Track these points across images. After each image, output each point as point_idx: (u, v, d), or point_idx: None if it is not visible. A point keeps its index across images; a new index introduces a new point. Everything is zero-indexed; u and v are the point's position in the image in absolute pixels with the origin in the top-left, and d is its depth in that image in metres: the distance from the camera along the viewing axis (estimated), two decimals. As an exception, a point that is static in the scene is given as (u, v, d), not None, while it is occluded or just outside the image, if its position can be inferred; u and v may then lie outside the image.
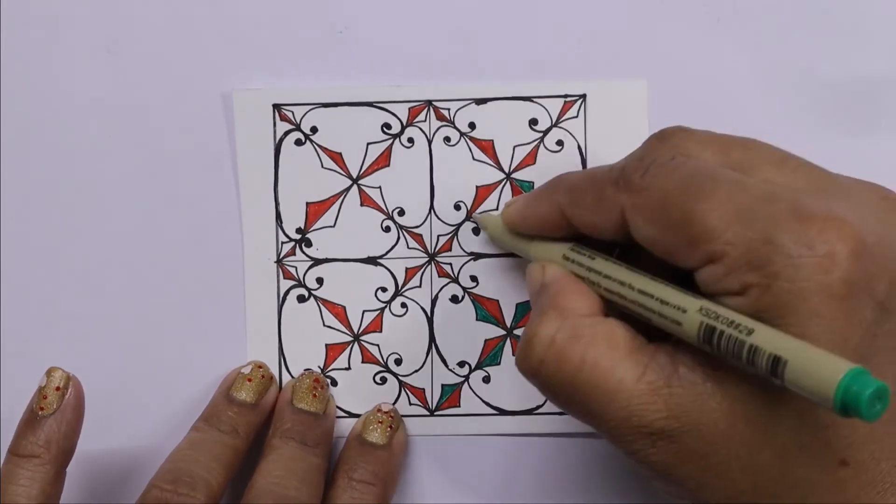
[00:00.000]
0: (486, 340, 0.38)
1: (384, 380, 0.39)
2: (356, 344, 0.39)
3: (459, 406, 0.38)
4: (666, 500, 0.31)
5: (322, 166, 0.38)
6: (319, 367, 0.39)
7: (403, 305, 0.38)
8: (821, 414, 0.27)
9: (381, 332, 0.39)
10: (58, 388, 0.34)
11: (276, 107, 0.38)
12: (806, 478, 0.27)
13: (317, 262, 0.39)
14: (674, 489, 0.29)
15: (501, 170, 0.38)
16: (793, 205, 0.27)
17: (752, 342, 0.26)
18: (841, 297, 0.26)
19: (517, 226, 0.34)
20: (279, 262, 0.39)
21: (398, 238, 0.38)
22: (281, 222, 0.38)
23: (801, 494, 0.28)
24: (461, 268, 0.38)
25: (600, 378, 0.29)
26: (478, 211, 0.38)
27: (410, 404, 0.38)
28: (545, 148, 0.38)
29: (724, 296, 0.27)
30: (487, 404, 0.38)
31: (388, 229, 0.38)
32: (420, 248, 0.38)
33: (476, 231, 0.38)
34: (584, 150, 0.38)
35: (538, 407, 0.38)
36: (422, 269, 0.38)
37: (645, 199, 0.29)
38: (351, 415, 0.38)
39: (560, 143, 0.38)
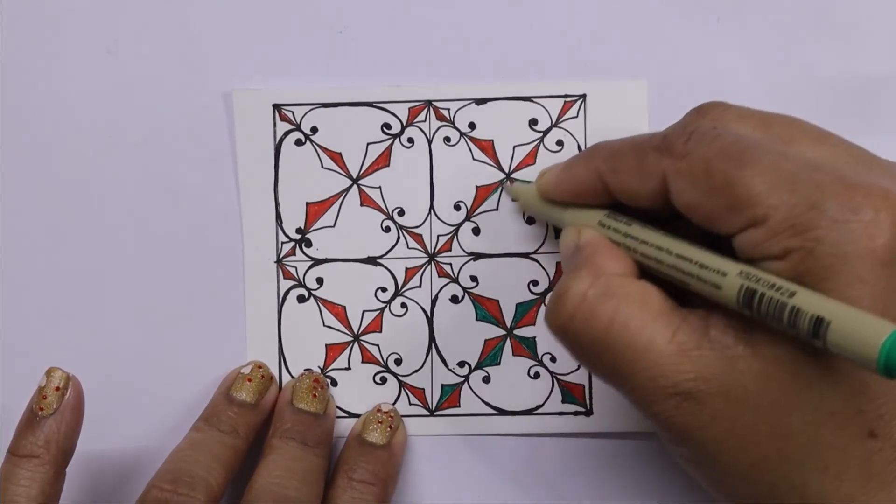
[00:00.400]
0: (485, 340, 0.38)
1: (384, 380, 0.39)
2: (356, 344, 0.39)
3: (459, 406, 0.38)
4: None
5: (322, 166, 0.38)
6: (319, 367, 0.39)
7: (403, 305, 0.38)
8: (854, 381, 0.27)
9: (380, 332, 0.39)
10: (57, 389, 0.34)
11: (277, 107, 0.38)
12: (833, 446, 0.27)
13: (317, 262, 0.39)
14: (692, 453, 0.29)
15: (501, 170, 0.38)
16: (837, 174, 0.27)
17: (794, 304, 0.26)
18: (884, 263, 0.26)
19: (552, 193, 0.34)
20: (279, 262, 0.39)
21: (398, 238, 0.38)
22: (281, 222, 0.38)
23: (826, 464, 0.27)
24: (461, 268, 0.38)
25: (630, 337, 0.29)
26: (514, 181, 0.38)
27: (410, 404, 0.38)
28: (545, 148, 0.38)
29: (764, 260, 0.27)
30: (487, 404, 0.38)
31: (388, 229, 0.38)
32: (420, 248, 0.38)
33: (476, 231, 0.38)
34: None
35: (538, 407, 0.38)
36: (422, 269, 0.38)
37: (688, 164, 0.29)
38: (351, 415, 0.38)
39: (560, 143, 0.38)
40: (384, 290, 0.38)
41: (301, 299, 0.38)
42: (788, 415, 0.27)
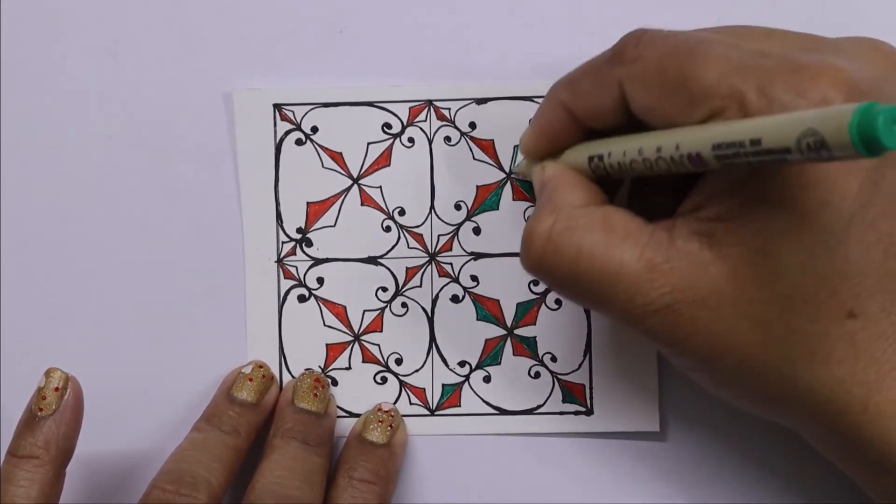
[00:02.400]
0: (486, 340, 0.38)
1: (385, 379, 0.39)
2: (356, 344, 0.39)
3: (460, 406, 0.38)
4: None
5: (322, 166, 0.38)
6: (320, 366, 0.38)
7: (404, 305, 0.38)
8: (824, 265, 0.27)
9: (381, 331, 0.38)
10: (56, 389, 0.34)
11: (277, 106, 0.38)
12: (813, 332, 0.28)
13: (317, 261, 0.38)
14: (686, 362, 0.30)
15: (502, 169, 0.38)
16: (785, 58, 0.27)
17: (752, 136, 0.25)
18: None
19: (533, 149, 0.34)
20: (279, 261, 0.39)
21: (398, 238, 0.38)
22: (281, 222, 0.38)
23: (811, 351, 0.28)
24: (461, 267, 0.38)
25: (600, 264, 0.29)
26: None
27: (411, 404, 0.38)
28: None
29: None
30: (488, 404, 0.38)
31: (388, 229, 0.38)
32: (420, 247, 0.38)
33: (476, 231, 0.38)
34: (584, 150, 0.38)
35: (538, 407, 0.38)
36: (422, 269, 0.38)
37: (641, 67, 0.29)
38: (351, 414, 0.38)
39: (560, 142, 0.38)
40: (385, 289, 0.38)
41: (301, 299, 0.38)
42: (764, 309, 0.28)
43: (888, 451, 0.28)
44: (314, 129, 0.38)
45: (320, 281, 0.38)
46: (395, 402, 0.38)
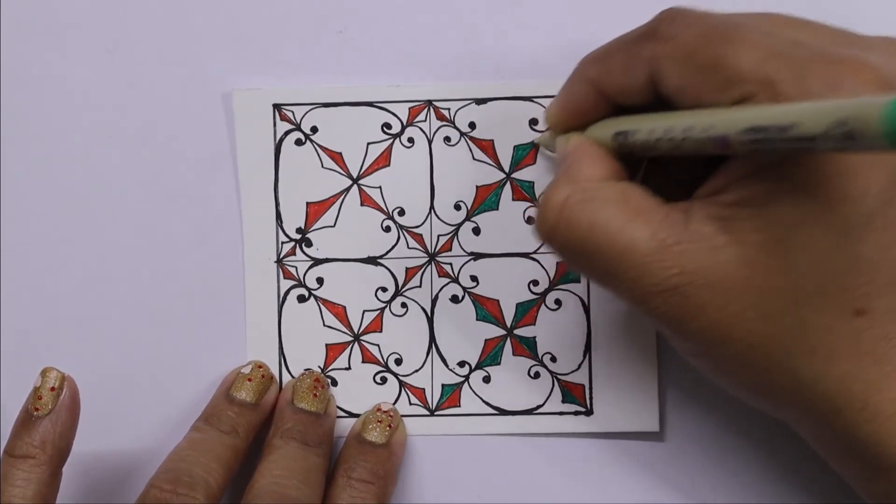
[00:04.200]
0: (486, 340, 0.38)
1: (384, 380, 0.38)
2: (356, 344, 0.38)
3: (459, 406, 0.38)
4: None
5: (322, 166, 0.38)
6: (319, 366, 0.38)
7: (403, 305, 0.38)
8: (837, 260, 0.27)
9: (381, 331, 0.38)
10: (53, 389, 0.34)
11: (277, 106, 0.38)
12: (820, 326, 0.28)
13: (317, 261, 0.38)
14: (689, 346, 0.30)
15: (501, 170, 0.38)
16: (820, 50, 0.27)
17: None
18: None
19: (559, 120, 0.34)
20: (279, 261, 0.38)
21: (398, 238, 0.38)
22: (281, 222, 0.38)
23: (814, 345, 0.28)
24: (461, 268, 0.38)
25: (611, 239, 0.29)
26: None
27: (410, 404, 0.38)
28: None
29: None
30: (488, 404, 0.38)
31: (388, 229, 0.38)
32: (420, 247, 0.38)
33: (476, 231, 0.38)
34: (584, 150, 0.38)
35: (538, 407, 0.38)
36: (422, 269, 0.38)
37: (674, 47, 0.29)
38: (351, 415, 0.38)
39: (560, 142, 0.38)
40: (384, 289, 0.38)
41: (301, 299, 0.38)
42: (774, 299, 0.28)
43: (882, 452, 0.28)
44: (314, 129, 0.38)
45: (320, 281, 0.38)
46: (394, 403, 0.38)
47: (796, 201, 0.27)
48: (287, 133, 0.38)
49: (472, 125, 0.38)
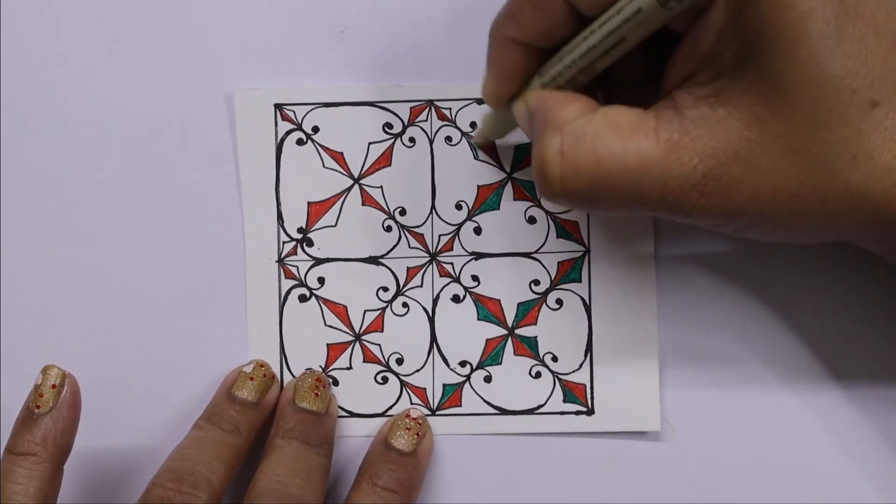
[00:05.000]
0: (487, 340, 0.38)
1: (385, 379, 0.38)
2: (357, 343, 0.38)
3: (461, 406, 0.38)
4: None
5: (323, 166, 0.38)
6: (321, 366, 0.38)
7: (405, 305, 0.38)
8: (831, 67, 0.27)
9: (382, 331, 0.38)
10: (54, 386, 0.34)
11: (278, 106, 0.38)
12: (849, 134, 0.28)
13: (318, 261, 0.38)
14: (745, 221, 0.29)
15: (503, 169, 0.38)
16: None
17: None
18: None
19: (499, 92, 0.34)
20: (280, 261, 0.38)
21: (399, 237, 0.38)
22: (282, 222, 0.38)
23: (853, 152, 0.28)
24: (462, 267, 0.38)
25: (622, 162, 0.29)
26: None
27: (412, 404, 0.38)
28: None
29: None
30: (489, 404, 0.38)
31: (389, 229, 0.38)
32: (421, 247, 0.38)
33: (477, 230, 0.38)
34: (584, 150, 0.38)
35: (539, 407, 0.38)
36: (423, 269, 0.38)
37: None
38: (352, 414, 0.38)
39: (561, 143, 0.38)
40: (385, 289, 0.38)
41: (302, 299, 0.38)
42: (795, 136, 0.28)
43: None
44: (315, 129, 0.38)
45: (321, 281, 0.38)
46: (395, 402, 0.38)
47: (770, 44, 0.27)
48: (288, 133, 0.38)
49: (474, 125, 0.38)
